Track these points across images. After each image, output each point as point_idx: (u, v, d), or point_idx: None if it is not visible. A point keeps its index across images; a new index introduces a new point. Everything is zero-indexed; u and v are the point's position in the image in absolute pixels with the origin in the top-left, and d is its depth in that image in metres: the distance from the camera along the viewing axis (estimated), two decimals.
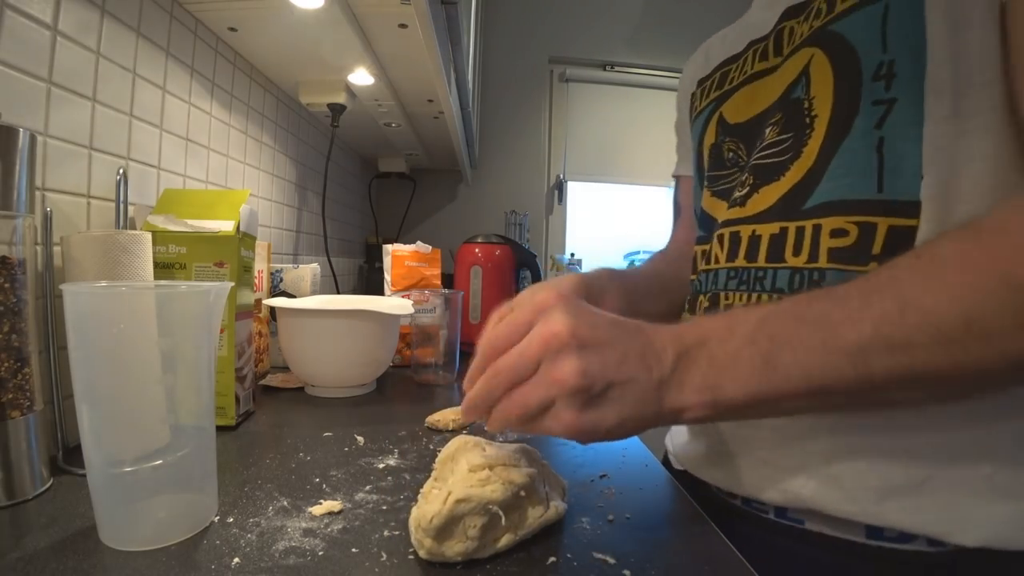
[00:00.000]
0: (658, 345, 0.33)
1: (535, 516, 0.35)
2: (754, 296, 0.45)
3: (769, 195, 0.45)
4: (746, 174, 0.48)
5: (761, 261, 0.45)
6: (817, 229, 0.40)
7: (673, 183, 0.74)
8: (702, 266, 0.54)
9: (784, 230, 0.43)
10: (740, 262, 0.47)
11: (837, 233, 0.39)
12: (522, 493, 0.35)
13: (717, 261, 0.50)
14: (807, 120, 0.42)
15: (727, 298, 0.48)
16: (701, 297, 0.53)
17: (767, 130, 0.46)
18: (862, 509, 0.38)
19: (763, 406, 0.32)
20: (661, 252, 0.72)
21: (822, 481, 0.40)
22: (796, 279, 0.41)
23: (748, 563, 0.34)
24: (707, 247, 0.53)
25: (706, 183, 0.56)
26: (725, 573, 0.33)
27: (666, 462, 0.60)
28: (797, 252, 0.42)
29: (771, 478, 0.43)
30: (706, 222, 0.55)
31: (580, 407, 0.31)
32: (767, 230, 0.44)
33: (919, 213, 0.36)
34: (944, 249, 0.30)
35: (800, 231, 0.41)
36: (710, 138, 0.56)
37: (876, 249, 0.38)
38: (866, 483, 0.38)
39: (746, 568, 0.33)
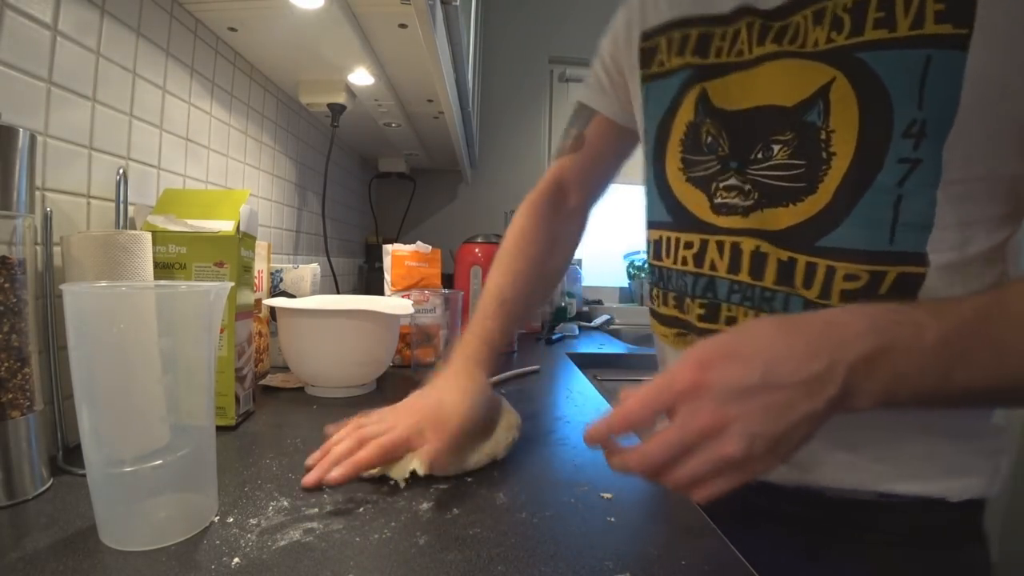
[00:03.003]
0: (820, 366, 0.31)
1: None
2: (762, 315, 0.45)
3: (779, 218, 0.44)
4: (745, 182, 0.46)
5: (768, 282, 0.45)
6: (831, 271, 0.42)
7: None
8: (689, 265, 0.51)
9: (794, 260, 0.44)
10: (743, 276, 0.47)
11: (850, 277, 0.41)
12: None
13: (715, 268, 0.49)
14: (824, 155, 0.41)
15: (729, 310, 0.48)
16: (688, 300, 0.51)
17: (776, 147, 0.44)
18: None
19: (921, 404, 0.33)
20: (531, 217, 0.74)
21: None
22: (808, 311, 0.42)
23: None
24: (689, 241, 0.51)
25: (680, 165, 0.52)
26: (726, 574, 0.33)
27: None
28: (808, 285, 0.43)
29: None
30: (679, 212, 0.52)
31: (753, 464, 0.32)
32: (776, 253, 0.45)
33: (927, 263, 0.39)
34: None
35: (812, 266, 0.42)
36: (687, 114, 0.51)
37: (883, 291, 0.40)
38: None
39: (747, 569, 0.33)
